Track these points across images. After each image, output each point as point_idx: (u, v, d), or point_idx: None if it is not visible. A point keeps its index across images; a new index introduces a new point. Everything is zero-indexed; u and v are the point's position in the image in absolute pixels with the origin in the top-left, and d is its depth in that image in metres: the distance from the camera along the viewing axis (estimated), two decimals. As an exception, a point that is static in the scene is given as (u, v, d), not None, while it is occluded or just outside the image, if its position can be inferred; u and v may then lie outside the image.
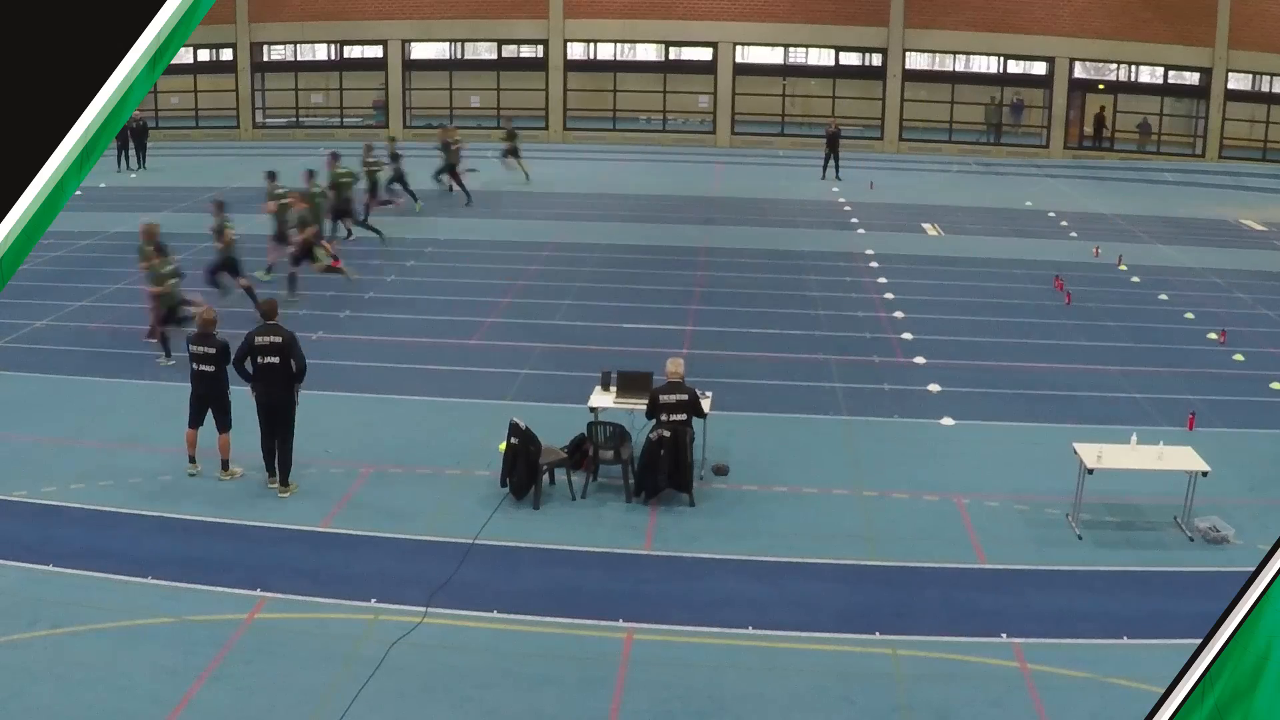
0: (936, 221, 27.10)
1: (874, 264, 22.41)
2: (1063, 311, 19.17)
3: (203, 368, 11.84)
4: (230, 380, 11.97)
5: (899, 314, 18.77)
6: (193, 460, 12.00)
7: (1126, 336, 17.85)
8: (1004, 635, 9.24)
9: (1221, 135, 38.42)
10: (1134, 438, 11.47)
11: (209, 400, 11.89)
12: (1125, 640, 9.21)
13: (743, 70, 40.45)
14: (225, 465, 11.95)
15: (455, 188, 27.85)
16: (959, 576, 10.29)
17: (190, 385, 12.02)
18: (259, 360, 11.61)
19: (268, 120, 42.25)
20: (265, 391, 11.64)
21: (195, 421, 11.99)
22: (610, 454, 11.83)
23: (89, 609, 9.38)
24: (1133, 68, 39.40)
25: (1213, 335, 17.75)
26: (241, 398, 11.92)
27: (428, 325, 17.82)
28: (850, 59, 40.30)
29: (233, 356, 11.80)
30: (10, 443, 12.83)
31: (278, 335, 11.66)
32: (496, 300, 19.24)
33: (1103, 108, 39.78)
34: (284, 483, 11.68)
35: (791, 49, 40.67)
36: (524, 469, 11.50)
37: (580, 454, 12.04)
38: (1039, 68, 39.39)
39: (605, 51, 41.31)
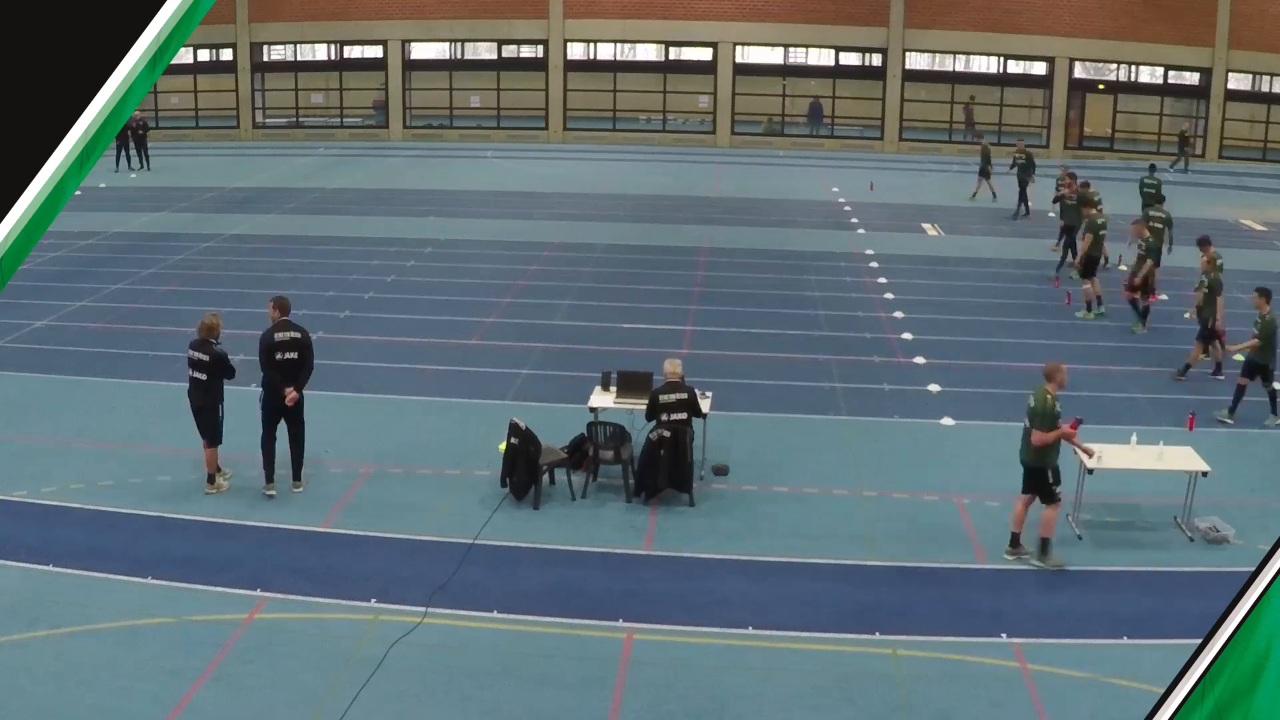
0: (936, 221, 27.10)
1: (874, 264, 22.41)
2: (1062, 311, 19.17)
3: (195, 374, 11.52)
4: (225, 393, 11.67)
5: (899, 314, 18.77)
6: (212, 479, 11.69)
7: (1126, 337, 17.84)
8: (1004, 635, 9.24)
9: (1221, 135, 38.42)
10: (1134, 438, 11.47)
11: (199, 411, 11.51)
12: (1125, 640, 9.21)
13: (743, 70, 40.46)
14: (211, 479, 11.67)
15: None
16: (959, 576, 10.28)
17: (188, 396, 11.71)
18: (277, 357, 11.45)
19: (268, 120, 42.26)
20: (286, 389, 11.46)
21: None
22: (610, 454, 11.83)
23: (89, 609, 9.38)
24: (1133, 68, 39.40)
25: (1213, 335, 17.73)
26: (234, 406, 11.83)
27: (428, 325, 17.82)
28: (850, 59, 40.30)
29: (258, 359, 11.57)
30: (10, 443, 12.83)
31: (296, 332, 11.60)
32: (496, 300, 19.24)
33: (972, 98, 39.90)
34: (297, 476, 11.71)
35: (791, 49, 40.68)
36: (524, 469, 11.50)
37: (580, 454, 12.04)
38: (1039, 68, 39.39)
39: (605, 51, 41.32)
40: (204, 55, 41.61)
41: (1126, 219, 28.04)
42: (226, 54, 41.31)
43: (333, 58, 42.05)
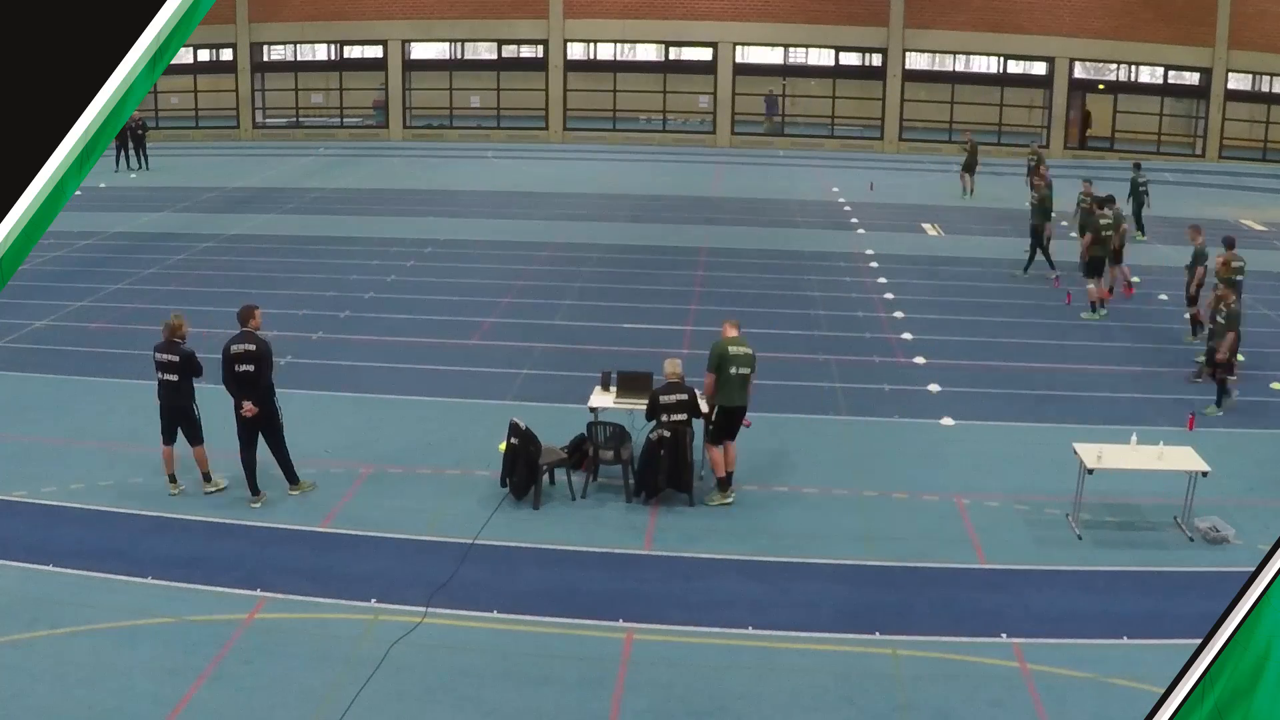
0: (936, 221, 27.10)
1: (874, 264, 22.41)
2: (1063, 311, 19.17)
3: (165, 376, 11.39)
4: (198, 391, 11.53)
5: (899, 314, 18.77)
6: (173, 479, 11.56)
7: (1126, 336, 17.85)
8: (1004, 635, 9.24)
9: (1221, 135, 38.43)
10: (1134, 438, 11.46)
11: (175, 413, 11.43)
12: (1125, 640, 9.21)
13: (743, 70, 40.47)
14: (207, 478, 11.58)
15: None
16: (959, 576, 10.28)
17: (158, 399, 11.58)
18: (235, 369, 11.26)
19: (268, 120, 42.27)
20: (243, 402, 11.26)
21: (168, 437, 11.52)
22: (610, 454, 11.83)
23: (89, 609, 9.38)
24: (1133, 68, 39.41)
25: (1213, 335, 17.73)
26: (213, 407, 11.74)
27: (428, 325, 17.82)
28: (850, 59, 40.32)
29: (221, 373, 11.37)
30: (10, 443, 12.83)
31: (252, 343, 11.30)
32: (496, 300, 19.24)
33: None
34: (292, 482, 11.57)
35: (791, 49, 40.70)
36: (524, 469, 11.50)
37: (580, 454, 12.04)
38: (1039, 68, 39.40)
39: (605, 51, 41.33)
40: (204, 55, 41.62)
41: (1129, 219, 28.06)
42: (226, 54, 41.32)
43: (333, 58, 42.06)
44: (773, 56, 40.90)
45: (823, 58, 40.57)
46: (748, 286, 20.37)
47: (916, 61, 39.95)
